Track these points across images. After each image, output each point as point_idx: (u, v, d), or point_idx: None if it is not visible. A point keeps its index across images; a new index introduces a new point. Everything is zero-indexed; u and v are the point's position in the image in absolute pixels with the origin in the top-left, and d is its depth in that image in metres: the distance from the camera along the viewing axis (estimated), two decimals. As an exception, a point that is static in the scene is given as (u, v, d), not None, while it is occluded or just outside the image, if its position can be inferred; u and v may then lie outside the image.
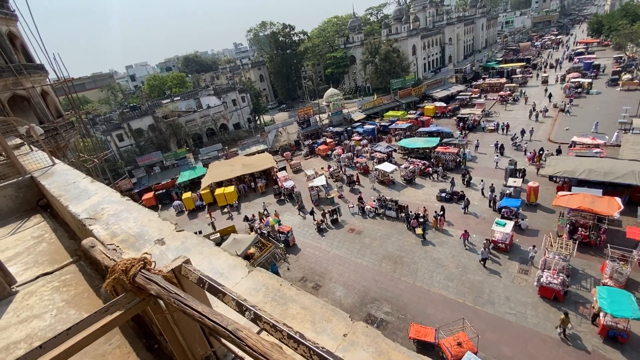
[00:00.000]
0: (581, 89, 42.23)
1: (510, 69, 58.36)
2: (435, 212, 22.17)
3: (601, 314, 13.18)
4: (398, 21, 67.08)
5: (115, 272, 1.21)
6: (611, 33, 63.68)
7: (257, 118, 61.91)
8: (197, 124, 49.92)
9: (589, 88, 42.41)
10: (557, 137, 31.21)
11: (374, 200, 25.12)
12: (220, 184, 33.01)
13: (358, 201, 25.67)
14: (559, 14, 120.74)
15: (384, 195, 25.84)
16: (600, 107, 36.61)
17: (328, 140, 41.73)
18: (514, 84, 50.69)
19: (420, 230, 21.14)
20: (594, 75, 47.84)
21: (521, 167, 25.88)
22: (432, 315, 15.48)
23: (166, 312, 1.23)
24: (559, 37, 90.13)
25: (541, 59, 68.61)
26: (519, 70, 57.59)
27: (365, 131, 41.75)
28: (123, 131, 44.91)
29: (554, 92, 43.34)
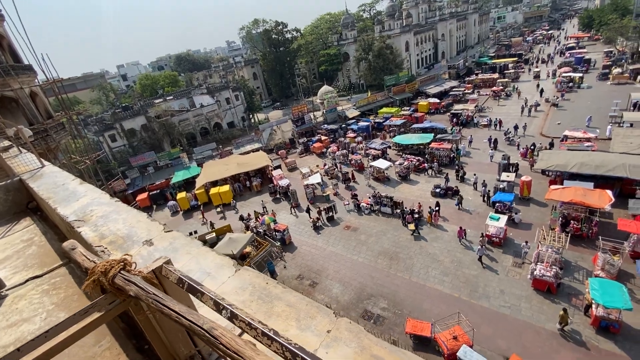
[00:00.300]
0: (572, 83, 42.66)
1: (502, 65, 58.74)
2: (430, 207, 22.32)
3: (593, 305, 13.40)
4: (391, 17, 67.08)
5: (94, 274, 1.20)
6: (601, 27, 64.36)
7: (251, 116, 61.64)
8: (190, 123, 49.59)
9: (580, 82, 42.85)
10: (549, 132, 31.53)
11: (369, 197, 25.20)
12: (215, 184, 32.87)
13: (353, 198, 25.75)
14: (550, 9, 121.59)
15: (379, 191, 25.93)
16: (592, 101, 37.02)
17: (323, 137, 41.74)
18: (507, 80, 51.04)
19: (412, 227, 21.29)
20: (584, 69, 48.34)
21: (514, 161, 26.14)
22: (428, 310, 15.62)
23: (147, 312, 1.23)
24: (550, 32, 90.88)
25: (533, 54, 69.14)
26: (511, 65, 57.98)
27: (360, 128, 41.81)
28: (115, 132, 44.45)
29: (545, 87, 43.73)
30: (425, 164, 29.50)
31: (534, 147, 27.26)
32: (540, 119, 35.63)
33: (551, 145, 27.46)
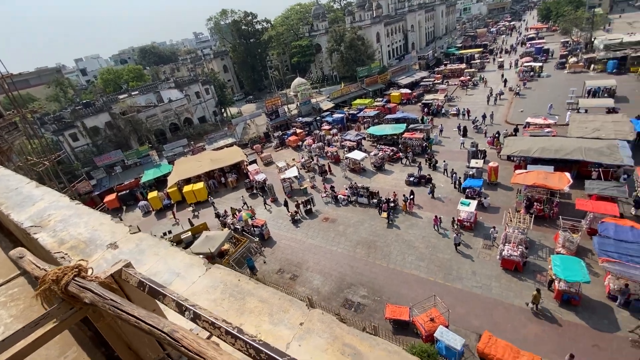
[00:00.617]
0: (533, 72, 44.86)
1: (469, 55, 60.63)
2: (405, 196, 22.91)
3: (556, 280, 14.40)
4: (361, 8, 67.13)
5: (45, 283, 1.12)
6: (558, 19, 67.84)
7: (223, 110, 60.02)
8: (159, 119, 47.55)
9: (540, 71, 45.15)
10: (513, 119, 33.10)
11: (346, 189, 25.46)
12: (188, 181, 31.91)
13: (331, 190, 25.91)
14: (511, 1, 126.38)
15: (355, 182, 26.26)
16: (551, 89, 39.16)
17: (298, 130, 41.48)
18: (473, 70, 52.80)
19: (385, 215, 21.81)
20: (544, 59, 50.91)
21: (482, 148, 27.27)
22: (405, 295, 16.15)
23: (108, 319, 1.17)
24: (512, 23, 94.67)
25: (497, 44, 71.87)
26: (477, 56, 59.97)
27: (335, 120, 41.91)
28: (77, 130, 41.74)
29: (509, 77, 45.72)
30: (400, 154, 30.15)
31: (498, 135, 28.55)
32: (505, 107, 37.29)
33: (515, 132, 28.87)
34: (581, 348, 12.29)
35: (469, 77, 48.80)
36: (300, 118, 45.47)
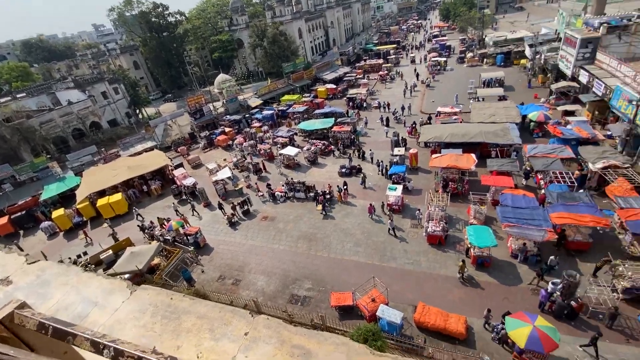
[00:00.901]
0: (440, 66, 50.15)
1: (385, 51, 64.99)
2: (338, 186, 23.75)
3: (471, 247, 16.54)
4: (281, 3, 66.70)
5: None
6: (456, 18, 76.82)
7: (138, 112, 54.31)
8: (57, 124, 40.87)
9: (445, 65, 50.68)
10: (426, 109, 36.65)
11: (283, 185, 25.34)
12: (103, 193, 28.20)
13: (267, 188, 25.49)
14: (417, 1, 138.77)
15: (291, 178, 26.27)
16: (455, 81, 44.32)
17: (227, 129, 39.71)
18: (390, 64, 56.81)
19: (319, 207, 22.46)
20: (447, 54, 57.20)
21: (403, 137, 29.67)
22: (347, 281, 16.85)
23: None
24: (419, 21, 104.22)
25: (407, 41, 78.40)
26: (392, 51, 64.63)
27: (265, 117, 41.17)
28: (-60, 144, 33.52)
29: (420, 70, 50.39)
30: (332, 147, 31.07)
31: (415, 124, 31.39)
32: (419, 98, 41.05)
33: (429, 120, 32.05)
34: (495, 302, 14.39)
35: (386, 72, 52.34)
36: (228, 116, 43.57)
